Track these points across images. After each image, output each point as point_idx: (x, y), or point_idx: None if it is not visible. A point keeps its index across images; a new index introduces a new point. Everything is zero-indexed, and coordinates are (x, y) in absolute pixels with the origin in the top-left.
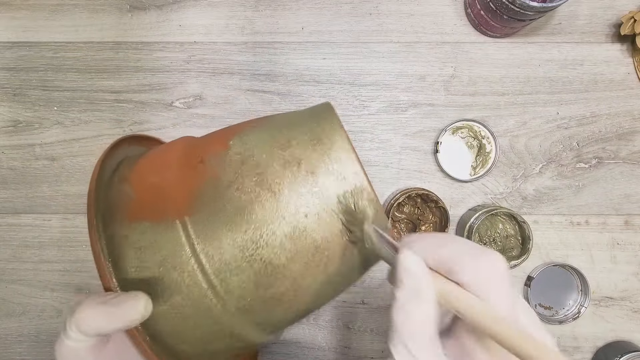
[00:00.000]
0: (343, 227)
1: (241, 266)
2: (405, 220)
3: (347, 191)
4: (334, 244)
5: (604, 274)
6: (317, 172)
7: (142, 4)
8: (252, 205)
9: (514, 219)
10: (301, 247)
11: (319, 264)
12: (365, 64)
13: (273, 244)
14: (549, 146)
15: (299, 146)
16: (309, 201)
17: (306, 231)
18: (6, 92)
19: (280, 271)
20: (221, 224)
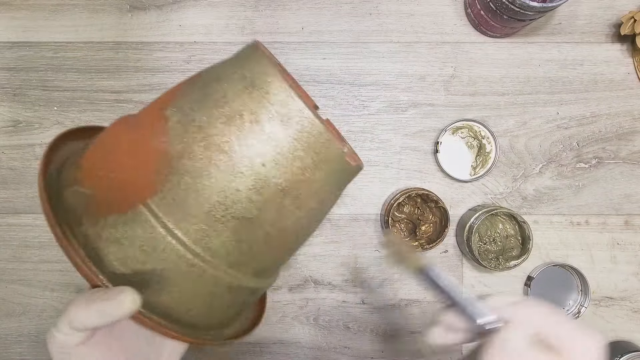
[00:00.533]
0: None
1: (217, 229)
2: (405, 220)
3: (299, 131)
4: (300, 183)
5: (604, 274)
6: (261, 120)
7: (142, 4)
8: (208, 170)
9: (514, 219)
10: (268, 196)
11: (291, 205)
12: (365, 64)
13: (240, 201)
14: (549, 146)
15: (236, 98)
16: (262, 150)
17: (268, 179)
18: (6, 92)
19: (256, 222)
20: (185, 196)
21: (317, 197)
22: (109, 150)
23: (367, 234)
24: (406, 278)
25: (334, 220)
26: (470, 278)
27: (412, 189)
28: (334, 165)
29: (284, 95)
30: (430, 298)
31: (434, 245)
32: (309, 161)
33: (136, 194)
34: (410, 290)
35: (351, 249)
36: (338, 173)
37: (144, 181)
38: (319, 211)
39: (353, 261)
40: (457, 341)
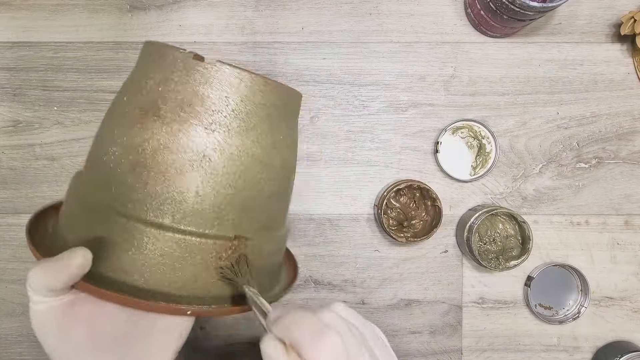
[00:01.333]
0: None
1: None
2: (397, 210)
3: (225, 97)
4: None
5: (604, 274)
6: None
7: (142, 4)
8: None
9: (514, 219)
10: (237, 158)
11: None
12: (365, 64)
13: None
14: (549, 146)
15: (154, 97)
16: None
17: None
18: (6, 92)
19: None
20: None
21: (273, 140)
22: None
23: (367, 234)
24: (406, 278)
25: (334, 220)
26: (470, 278)
27: (416, 181)
28: (268, 100)
29: (183, 66)
30: (430, 298)
31: (418, 240)
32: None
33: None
34: (410, 290)
35: (351, 249)
36: (278, 107)
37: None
38: (287, 154)
39: (353, 261)
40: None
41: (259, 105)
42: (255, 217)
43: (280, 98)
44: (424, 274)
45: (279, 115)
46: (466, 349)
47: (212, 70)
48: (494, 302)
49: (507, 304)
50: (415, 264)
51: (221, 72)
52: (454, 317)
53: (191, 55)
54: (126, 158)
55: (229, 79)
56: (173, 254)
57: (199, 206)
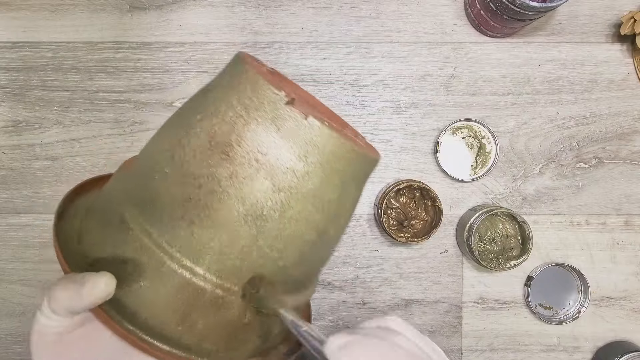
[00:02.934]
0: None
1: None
2: (397, 210)
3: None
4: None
5: (604, 274)
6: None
7: (142, 4)
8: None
9: (514, 219)
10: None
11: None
12: (365, 64)
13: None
14: (549, 146)
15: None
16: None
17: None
18: (6, 92)
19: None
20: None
21: (345, 202)
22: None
23: (367, 234)
24: (406, 278)
25: None
26: (470, 278)
27: (417, 181)
28: (357, 168)
29: (295, 122)
30: (430, 298)
31: (418, 240)
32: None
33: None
34: (410, 290)
35: (351, 249)
36: (361, 171)
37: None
38: (348, 212)
39: (353, 261)
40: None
41: (337, 172)
42: (290, 281)
43: (362, 167)
44: (424, 274)
45: (353, 183)
46: (466, 349)
47: (300, 124)
48: (494, 302)
49: (507, 304)
50: (415, 264)
51: (310, 129)
52: (454, 317)
53: (284, 100)
54: (179, 187)
55: (316, 139)
56: (196, 303)
57: (239, 263)
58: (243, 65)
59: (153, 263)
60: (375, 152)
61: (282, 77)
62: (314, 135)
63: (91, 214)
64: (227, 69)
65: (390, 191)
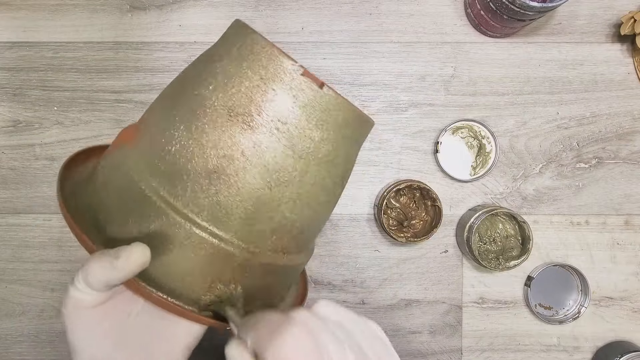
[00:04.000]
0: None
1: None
2: (397, 210)
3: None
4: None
5: (604, 274)
6: (271, 99)
7: (142, 4)
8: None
9: (514, 219)
10: (304, 165)
11: (324, 171)
12: (365, 64)
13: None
14: (549, 146)
15: (235, 74)
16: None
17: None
18: (6, 92)
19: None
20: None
21: (342, 158)
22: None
23: (367, 234)
24: (406, 278)
25: (334, 220)
26: (470, 278)
27: (416, 181)
28: (351, 124)
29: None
30: (430, 298)
31: (418, 240)
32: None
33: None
34: (410, 290)
35: (351, 249)
36: (357, 130)
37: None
38: (343, 173)
39: (353, 261)
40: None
41: (346, 139)
42: (300, 242)
43: (364, 131)
44: (424, 274)
45: (356, 146)
46: (466, 349)
47: (318, 94)
48: (494, 302)
49: (507, 304)
50: (415, 264)
51: (327, 98)
52: (454, 317)
53: (301, 70)
54: (202, 159)
55: (330, 107)
56: (225, 268)
57: (263, 227)
58: (252, 35)
59: (182, 233)
60: (369, 118)
61: (279, 48)
62: (329, 104)
63: (105, 191)
64: (232, 38)
65: (390, 191)
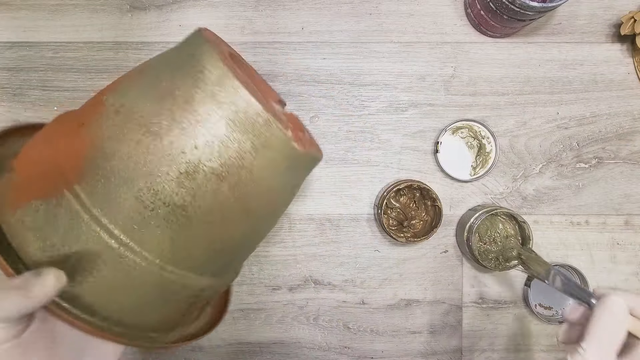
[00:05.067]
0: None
1: (146, 217)
2: (397, 210)
3: (234, 111)
4: (238, 169)
5: (604, 274)
6: (194, 99)
7: (142, 4)
8: (137, 152)
9: (514, 219)
10: (201, 181)
11: (230, 193)
12: (365, 64)
13: (170, 186)
14: (549, 146)
15: (169, 77)
16: (194, 132)
17: (200, 162)
18: (6, 92)
19: (190, 211)
20: (114, 183)
21: (261, 187)
22: (46, 135)
23: (367, 234)
24: (406, 278)
25: (334, 220)
26: (470, 278)
27: (416, 181)
28: (278, 151)
29: (218, 74)
30: (430, 298)
31: (418, 240)
32: (247, 145)
33: (63, 178)
34: (411, 290)
35: (351, 249)
36: (286, 160)
37: (73, 166)
38: (267, 203)
39: (353, 261)
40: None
41: (285, 170)
42: (218, 265)
43: (295, 161)
44: (424, 274)
45: (294, 175)
46: (466, 349)
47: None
48: (494, 302)
49: (507, 304)
50: (415, 264)
51: (269, 130)
52: (454, 317)
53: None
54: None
55: (273, 139)
56: (136, 282)
57: (180, 245)
58: (211, 53)
59: (104, 250)
60: (313, 148)
61: (242, 62)
62: (254, 119)
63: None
64: (184, 44)
65: (390, 191)
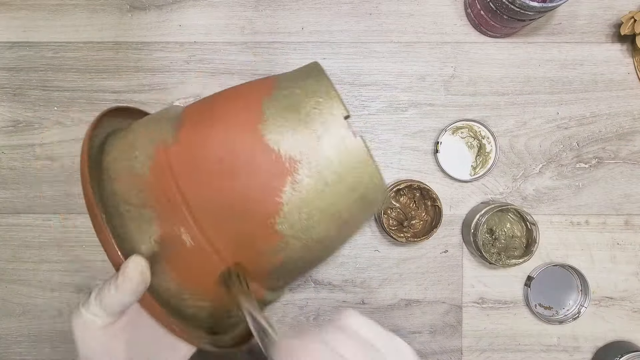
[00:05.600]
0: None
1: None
2: (397, 210)
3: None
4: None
5: (604, 274)
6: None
7: (142, 4)
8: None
9: (523, 221)
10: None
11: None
12: (365, 64)
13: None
14: (549, 146)
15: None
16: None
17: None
18: (6, 92)
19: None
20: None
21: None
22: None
23: (367, 234)
24: (406, 278)
25: None
26: (470, 278)
27: (416, 181)
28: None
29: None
30: (430, 298)
31: (418, 240)
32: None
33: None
34: (410, 290)
35: (351, 249)
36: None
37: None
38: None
39: (353, 261)
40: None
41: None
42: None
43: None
44: (424, 274)
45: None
46: (466, 349)
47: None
48: (494, 302)
49: (507, 304)
50: (415, 264)
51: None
52: (454, 317)
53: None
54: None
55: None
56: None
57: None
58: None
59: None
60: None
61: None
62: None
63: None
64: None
65: (390, 191)
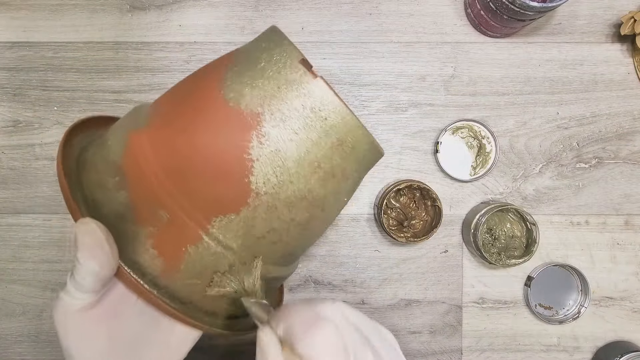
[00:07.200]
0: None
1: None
2: (397, 210)
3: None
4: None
5: (604, 274)
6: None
7: (142, 4)
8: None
9: (523, 221)
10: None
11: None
12: (365, 64)
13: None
14: (549, 146)
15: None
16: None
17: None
18: (6, 92)
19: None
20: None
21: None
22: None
23: (367, 234)
24: (406, 278)
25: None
26: (470, 278)
27: (416, 181)
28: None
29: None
30: (430, 298)
31: (418, 240)
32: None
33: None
34: (410, 290)
35: (351, 249)
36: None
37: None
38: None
39: (353, 261)
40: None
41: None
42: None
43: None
44: (424, 274)
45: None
46: (466, 349)
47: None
48: (494, 302)
49: (507, 304)
50: (415, 264)
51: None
52: (454, 317)
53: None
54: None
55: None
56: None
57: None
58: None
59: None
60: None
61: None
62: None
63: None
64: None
65: (390, 191)
